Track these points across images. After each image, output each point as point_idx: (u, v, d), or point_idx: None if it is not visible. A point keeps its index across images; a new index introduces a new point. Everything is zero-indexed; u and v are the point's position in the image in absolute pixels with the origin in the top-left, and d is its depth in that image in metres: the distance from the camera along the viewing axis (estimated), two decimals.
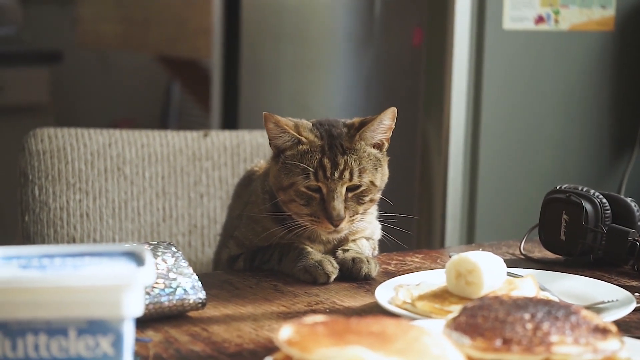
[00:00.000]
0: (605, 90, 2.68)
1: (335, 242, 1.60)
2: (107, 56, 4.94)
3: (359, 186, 1.52)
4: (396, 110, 1.54)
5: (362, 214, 1.54)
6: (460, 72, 2.52)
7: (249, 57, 3.21)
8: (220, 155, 2.17)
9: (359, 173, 1.51)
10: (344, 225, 1.51)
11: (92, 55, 4.89)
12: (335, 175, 1.50)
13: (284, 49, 3.07)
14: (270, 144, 1.56)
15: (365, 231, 1.64)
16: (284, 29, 3.08)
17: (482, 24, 2.52)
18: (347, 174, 1.50)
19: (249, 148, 2.19)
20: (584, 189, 1.67)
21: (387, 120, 1.54)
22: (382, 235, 1.66)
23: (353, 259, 1.55)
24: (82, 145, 2.08)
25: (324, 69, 2.97)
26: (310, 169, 1.50)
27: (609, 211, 1.64)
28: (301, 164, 1.50)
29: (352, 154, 1.52)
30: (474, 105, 2.55)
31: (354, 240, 1.62)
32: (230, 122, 3.30)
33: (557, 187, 1.71)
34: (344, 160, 1.51)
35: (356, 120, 1.58)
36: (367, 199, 1.53)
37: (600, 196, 1.65)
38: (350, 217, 1.52)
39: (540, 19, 2.57)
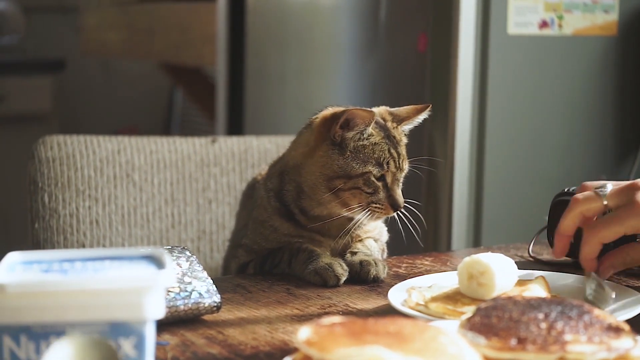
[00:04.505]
0: (609, 94, 2.70)
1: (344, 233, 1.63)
2: (111, 64, 4.96)
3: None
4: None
5: None
6: (465, 77, 2.54)
7: (254, 64, 3.23)
8: (228, 161, 2.19)
9: (406, 163, 1.60)
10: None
11: (95, 63, 4.92)
12: (400, 164, 1.58)
13: (288, 56, 3.09)
14: (334, 134, 1.56)
15: (373, 232, 1.67)
16: (289, 36, 3.09)
17: (487, 29, 2.53)
18: (404, 164, 1.59)
19: (257, 154, 2.21)
20: None
21: (423, 116, 1.64)
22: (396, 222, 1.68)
23: (361, 262, 1.57)
24: (91, 152, 2.09)
25: (328, 75, 2.99)
26: (384, 159, 1.56)
27: None
28: (375, 154, 1.56)
29: (401, 144, 1.61)
30: (479, 110, 2.56)
31: (361, 241, 1.64)
32: (235, 128, 3.31)
33: (565, 190, 1.72)
34: (402, 151, 1.59)
35: (384, 110, 1.63)
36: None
37: None
38: None
39: (544, 24, 2.59)
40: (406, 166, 1.59)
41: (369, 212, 1.56)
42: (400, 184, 1.59)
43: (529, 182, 2.63)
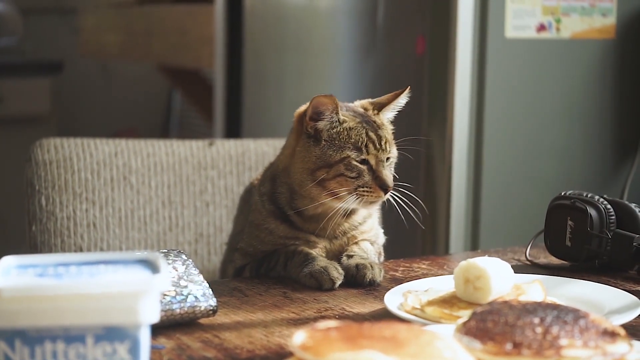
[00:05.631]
0: (607, 97, 2.70)
1: (340, 234, 1.63)
2: (109, 66, 4.95)
3: (388, 157, 1.60)
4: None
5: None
6: (463, 80, 2.54)
7: (252, 67, 3.22)
8: (225, 164, 2.19)
9: (390, 145, 1.60)
10: (389, 193, 1.58)
11: (93, 65, 4.91)
12: (382, 146, 1.58)
13: (287, 58, 3.08)
14: (306, 127, 1.58)
15: (369, 233, 1.67)
16: (287, 38, 3.09)
17: (485, 32, 2.53)
18: (387, 146, 1.59)
19: (254, 157, 2.21)
20: (589, 195, 1.68)
21: (403, 99, 1.65)
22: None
23: (357, 266, 1.57)
24: (88, 155, 2.09)
25: (326, 78, 2.99)
26: (362, 142, 1.57)
27: (613, 217, 1.66)
28: (351, 139, 1.57)
29: (384, 128, 1.61)
30: (477, 113, 2.56)
31: (356, 243, 1.64)
32: (233, 131, 3.31)
33: (562, 194, 1.73)
34: (383, 134, 1.59)
35: (365, 102, 1.66)
36: (392, 169, 1.61)
37: (605, 202, 1.67)
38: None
39: (542, 27, 2.59)
40: (390, 148, 1.59)
41: (357, 197, 1.56)
42: (387, 166, 1.58)
43: (527, 186, 2.63)
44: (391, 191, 1.59)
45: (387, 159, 1.59)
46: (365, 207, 1.61)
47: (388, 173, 1.58)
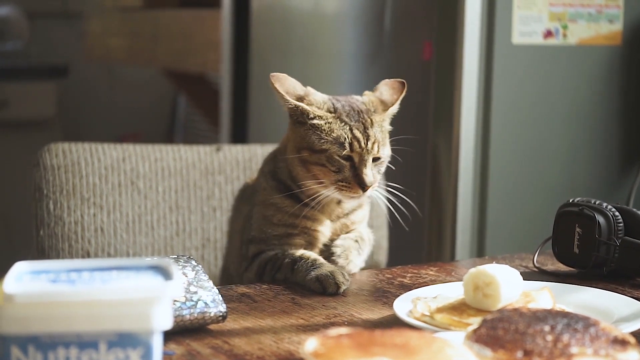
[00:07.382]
0: (614, 103, 2.70)
1: (335, 218, 1.68)
2: (114, 70, 4.96)
3: (378, 158, 1.62)
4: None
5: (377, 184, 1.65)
6: (469, 86, 2.54)
7: (258, 71, 3.23)
8: (232, 169, 2.19)
9: (380, 146, 1.61)
10: (370, 191, 1.60)
11: (99, 69, 4.91)
12: (369, 146, 1.59)
13: (293, 63, 3.09)
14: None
15: (360, 224, 1.72)
16: (293, 43, 3.09)
17: (492, 38, 2.54)
18: (375, 147, 1.60)
19: (261, 162, 2.21)
20: (597, 202, 1.68)
21: (403, 93, 1.68)
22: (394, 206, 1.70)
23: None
24: (96, 160, 2.09)
25: (333, 83, 2.99)
26: (345, 139, 1.59)
27: (621, 224, 1.66)
28: (333, 133, 1.59)
29: (377, 127, 1.62)
30: (483, 119, 2.56)
31: (348, 233, 1.69)
32: (239, 136, 3.32)
33: (570, 200, 1.73)
34: (373, 133, 1.60)
35: (369, 94, 1.67)
36: (382, 169, 1.64)
37: (613, 209, 1.67)
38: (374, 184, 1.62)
39: (548, 34, 2.59)
40: (378, 148, 1.60)
41: (336, 190, 1.60)
42: (374, 166, 1.60)
43: (533, 192, 2.63)
44: (381, 191, 1.63)
45: (377, 159, 1.61)
46: (346, 200, 1.64)
47: (369, 172, 1.59)
